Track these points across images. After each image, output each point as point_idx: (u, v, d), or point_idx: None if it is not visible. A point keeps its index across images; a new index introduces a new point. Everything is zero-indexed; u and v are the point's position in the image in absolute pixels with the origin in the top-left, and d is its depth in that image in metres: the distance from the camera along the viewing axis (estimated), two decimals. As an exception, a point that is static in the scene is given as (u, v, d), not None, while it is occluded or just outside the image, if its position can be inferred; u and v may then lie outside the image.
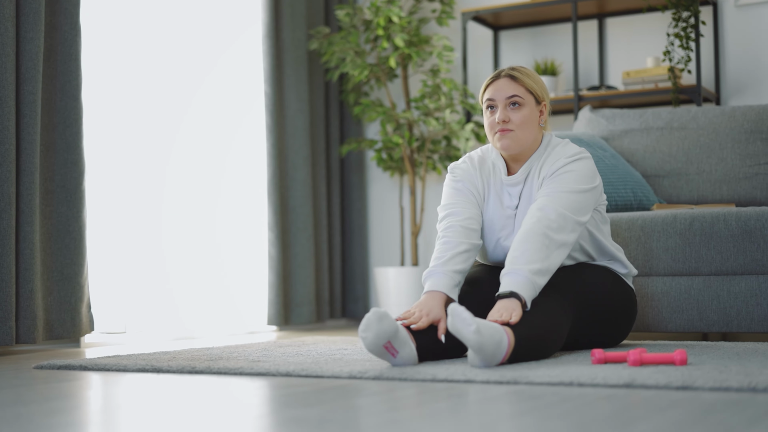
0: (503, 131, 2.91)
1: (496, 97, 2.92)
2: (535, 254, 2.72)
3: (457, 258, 2.83)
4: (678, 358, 2.47)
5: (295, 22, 5.11)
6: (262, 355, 3.01)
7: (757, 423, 1.63)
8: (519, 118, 2.91)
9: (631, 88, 4.73)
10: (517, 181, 2.97)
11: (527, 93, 2.93)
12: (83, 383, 2.46)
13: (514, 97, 2.91)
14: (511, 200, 2.98)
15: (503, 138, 2.92)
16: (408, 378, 2.37)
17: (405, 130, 5.08)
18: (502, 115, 2.90)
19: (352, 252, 5.53)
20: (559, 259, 2.79)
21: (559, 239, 2.78)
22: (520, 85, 2.92)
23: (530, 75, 2.95)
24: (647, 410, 1.78)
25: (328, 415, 1.80)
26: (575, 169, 2.89)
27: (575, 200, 2.85)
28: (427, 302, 2.72)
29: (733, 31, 4.80)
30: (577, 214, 2.84)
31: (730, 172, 3.99)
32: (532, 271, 2.69)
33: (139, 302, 4.24)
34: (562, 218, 2.80)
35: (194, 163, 4.57)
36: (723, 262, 3.40)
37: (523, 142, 2.93)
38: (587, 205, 2.88)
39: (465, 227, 2.90)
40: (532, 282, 2.69)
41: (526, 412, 1.79)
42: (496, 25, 5.27)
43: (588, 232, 2.98)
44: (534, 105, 2.94)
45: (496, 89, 2.93)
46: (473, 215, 2.95)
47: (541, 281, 2.72)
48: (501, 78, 2.94)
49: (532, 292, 2.69)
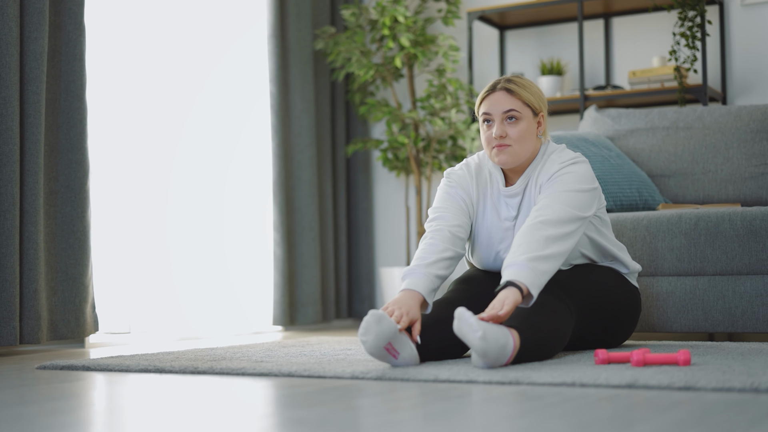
0: (500, 146, 2.84)
1: (493, 111, 2.85)
2: (532, 245, 2.66)
3: (440, 263, 2.77)
4: (681, 358, 2.46)
5: (301, 22, 5.10)
6: (266, 356, 3.01)
7: (759, 424, 1.62)
8: (516, 132, 2.84)
9: (637, 87, 4.72)
10: (515, 192, 2.91)
11: (524, 106, 2.85)
12: (85, 383, 2.46)
13: (510, 111, 2.83)
14: (509, 211, 2.92)
15: (501, 153, 2.85)
16: (410, 378, 2.36)
17: (411, 130, 5.07)
18: (499, 131, 2.83)
19: (358, 252, 5.52)
20: (562, 248, 2.70)
21: (560, 232, 2.71)
22: (516, 98, 2.84)
23: (527, 86, 2.88)
24: (649, 411, 1.77)
25: (329, 416, 1.79)
26: (573, 171, 2.84)
27: (575, 198, 2.79)
28: (406, 301, 2.65)
29: (740, 30, 4.79)
30: (578, 210, 2.78)
31: (736, 171, 3.97)
32: (530, 258, 2.62)
33: (143, 302, 4.24)
34: (562, 212, 2.74)
35: (199, 163, 4.57)
36: (728, 262, 3.38)
37: (521, 156, 2.87)
38: (588, 203, 2.82)
39: (453, 234, 2.85)
40: (530, 268, 2.60)
41: (527, 413, 1.78)
42: (502, 24, 5.26)
43: (588, 238, 2.94)
44: (531, 117, 2.87)
45: (492, 103, 2.86)
46: (462, 223, 2.90)
47: (544, 266, 2.63)
48: (497, 91, 2.86)
49: (532, 277, 2.60)
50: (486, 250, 2.96)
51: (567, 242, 2.73)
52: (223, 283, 4.64)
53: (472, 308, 2.83)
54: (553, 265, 2.67)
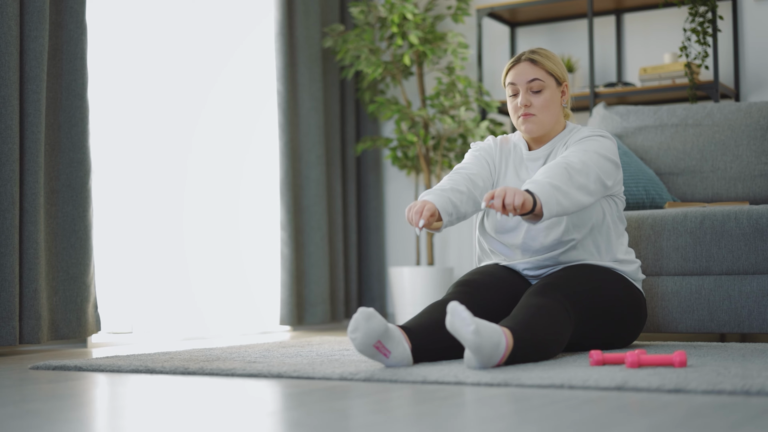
0: (526, 116, 2.97)
1: (518, 81, 2.98)
2: (557, 176, 2.70)
3: (456, 194, 2.85)
4: (677, 359, 2.40)
5: (309, 20, 5.07)
6: (261, 356, 2.98)
7: (741, 427, 1.57)
8: (541, 101, 2.96)
9: (648, 84, 4.65)
10: (538, 156, 3.01)
11: (548, 75, 2.98)
12: (72, 384, 2.43)
13: (535, 81, 2.96)
14: (528, 174, 3.01)
15: (527, 122, 2.97)
16: (399, 380, 2.32)
17: (420, 128, 5.03)
18: (524, 100, 2.96)
19: (369, 251, 5.48)
20: (580, 199, 2.72)
21: (581, 180, 2.74)
22: (540, 68, 2.98)
23: (550, 57, 3.00)
24: (630, 414, 1.72)
25: (305, 418, 1.75)
26: (601, 141, 2.92)
27: (599, 160, 2.84)
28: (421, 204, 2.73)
29: (753, 26, 4.71)
30: (602, 173, 2.83)
31: (745, 169, 3.90)
32: (552, 184, 2.65)
33: (147, 302, 4.22)
34: (585, 165, 2.78)
35: (202, 162, 4.55)
36: (734, 261, 3.32)
37: (546, 125, 2.99)
38: (611, 173, 2.87)
39: (471, 178, 2.95)
40: (550, 190, 2.63)
41: (505, 416, 1.73)
42: (512, 21, 5.21)
43: (603, 215, 2.94)
44: (555, 87, 3.00)
45: (517, 73, 2.99)
46: (481, 174, 3.00)
47: (560, 196, 2.65)
48: (521, 62, 3.00)
49: (548, 197, 2.62)
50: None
51: (585, 195, 2.75)
52: (229, 282, 4.61)
53: (471, 311, 2.79)
54: (567, 205, 2.69)
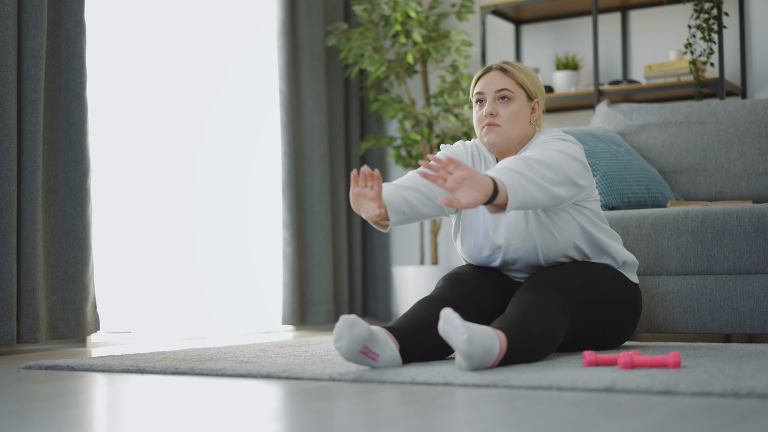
0: (490, 125, 2.81)
1: (486, 90, 2.84)
2: (512, 163, 2.54)
3: (413, 191, 2.69)
4: (671, 360, 2.37)
5: (312, 18, 5.05)
6: (255, 356, 2.95)
7: (723, 429, 1.53)
8: (507, 112, 2.81)
9: (653, 82, 4.61)
10: None
11: (518, 87, 2.83)
12: (61, 384, 2.41)
13: (503, 90, 2.82)
14: None
15: (490, 132, 2.82)
16: (387, 380, 2.30)
17: (424, 127, 5.00)
18: (489, 108, 2.81)
19: (373, 251, 5.45)
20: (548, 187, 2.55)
21: (542, 172, 2.56)
22: (510, 78, 2.83)
23: (523, 70, 2.87)
24: (612, 416, 1.69)
25: (287, 418, 1.73)
26: (563, 142, 2.74)
27: (561, 156, 2.65)
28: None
29: (760, 22, 4.66)
30: (570, 170, 2.64)
31: (749, 167, 3.85)
32: (510, 168, 2.50)
33: (145, 301, 4.21)
34: (547, 157, 2.60)
35: (202, 161, 4.53)
36: (736, 260, 3.28)
37: (510, 138, 2.82)
38: (580, 172, 2.69)
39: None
40: (510, 170, 2.48)
41: (485, 418, 1.70)
42: (516, 19, 5.17)
43: (581, 229, 2.82)
44: (525, 100, 2.84)
45: (486, 82, 2.85)
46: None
47: (523, 180, 2.48)
48: (492, 71, 2.86)
49: (510, 180, 2.46)
50: (472, 232, 2.88)
51: (552, 186, 2.58)
52: (230, 281, 4.59)
53: (460, 306, 2.75)
54: (534, 191, 2.52)
